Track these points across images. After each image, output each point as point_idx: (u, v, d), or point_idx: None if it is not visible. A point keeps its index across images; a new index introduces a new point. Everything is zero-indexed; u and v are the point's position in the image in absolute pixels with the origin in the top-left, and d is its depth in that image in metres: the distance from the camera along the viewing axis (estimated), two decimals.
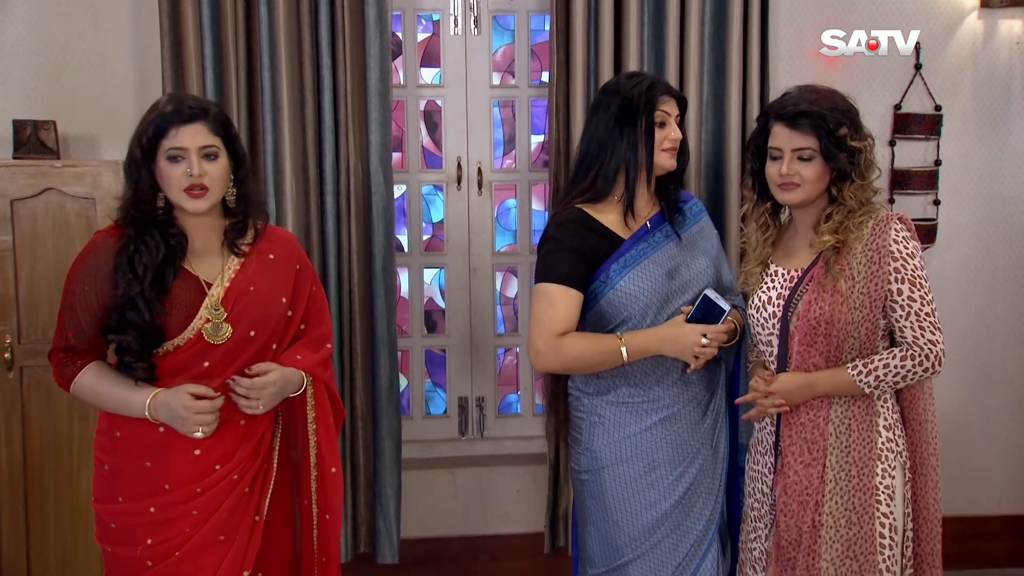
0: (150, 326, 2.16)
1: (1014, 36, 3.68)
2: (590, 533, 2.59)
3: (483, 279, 3.69)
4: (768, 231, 2.50)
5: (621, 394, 2.54)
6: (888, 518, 2.30)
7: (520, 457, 3.71)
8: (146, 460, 2.21)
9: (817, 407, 2.35)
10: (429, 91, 3.66)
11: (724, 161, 3.40)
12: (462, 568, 3.71)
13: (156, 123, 2.16)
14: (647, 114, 2.51)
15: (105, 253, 2.20)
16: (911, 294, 2.27)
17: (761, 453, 2.49)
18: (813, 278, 2.34)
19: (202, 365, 2.21)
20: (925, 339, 2.28)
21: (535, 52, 3.70)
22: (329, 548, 2.44)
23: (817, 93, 2.36)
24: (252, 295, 2.26)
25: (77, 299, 2.19)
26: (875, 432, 2.33)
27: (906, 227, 2.32)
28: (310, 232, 3.30)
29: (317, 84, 3.29)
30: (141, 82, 3.36)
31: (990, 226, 3.75)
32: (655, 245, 2.53)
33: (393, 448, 3.41)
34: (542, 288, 2.51)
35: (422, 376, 3.75)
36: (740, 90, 3.40)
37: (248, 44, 3.25)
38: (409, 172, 3.65)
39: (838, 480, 2.31)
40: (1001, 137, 3.73)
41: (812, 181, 2.33)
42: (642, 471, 2.51)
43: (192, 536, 2.21)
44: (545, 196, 3.72)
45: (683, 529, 2.52)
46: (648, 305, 2.48)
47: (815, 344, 2.32)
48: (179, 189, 2.17)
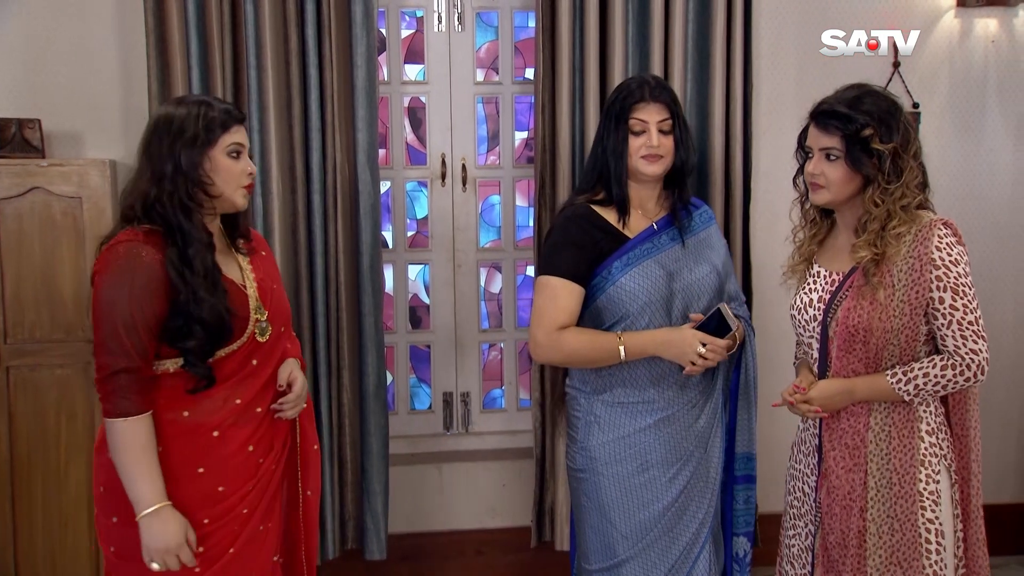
0: (220, 319, 2.14)
1: (989, 35, 3.74)
2: (585, 531, 2.63)
3: (467, 275, 3.71)
4: (816, 228, 2.48)
5: (617, 394, 2.58)
6: (934, 523, 2.28)
7: (506, 452, 3.73)
8: (199, 467, 2.20)
9: (857, 413, 2.33)
10: (413, 88, 3.67)
11: (708, 160, 3.42)
12: (448, 563, 3.74)
13: (223, 118, 2.20)
14: (623, 123, 2.57)
15: (152, 263, 2.11)
16: (953, 303, 2.22)
17: (804, 453, 2.49)
18: (852, 285, 2.30)
19: (251, 364, 2.27)
20: (967, 348, 2.23)
21: (519, 49, 3.71)
22: (311, 524, 2.49)
23: (854, 92, 2.32)
24: (275, 292, 2.35)
25: (138, 317, 2.09)
26: (917, 438, 2.30)
27: (951, 232, 2.26)
28: (297, 230, 3.30)
29: (304, 82, 3.28)
30: (126, 80, 3.33)
31: (965, 222, 3.75)
32: (660, 247, 2.58)
33: (380, 445, 3.43)
34: (544, 281, 2.55)
35: (407, 372, 3.77)
36: (724, 88, 3.42)
37: (234, 42, 3.23)
38: (393, 168, 3.66)
39: (879, 487, 2.28)
40: (976, 134, 3.79)
41: (837, 183, 2.29)
42: (636, 471, 2.56)
43: (240, 534, 2.25)
44: (529, 193, 3.75)
45: (677, 530, 2.56)
46: (647, 304, 2.52)
47: (853, 351, 2.30)
48: (237, 185, 2.23)
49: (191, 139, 2.16)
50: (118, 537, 2.21)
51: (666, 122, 2.60)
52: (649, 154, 2.57)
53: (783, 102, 3.66)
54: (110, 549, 2.24)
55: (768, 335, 3.40)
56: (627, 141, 2.59)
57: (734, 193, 3.45)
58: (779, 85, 3.65)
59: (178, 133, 2.16)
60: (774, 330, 3.41)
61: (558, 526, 3.52)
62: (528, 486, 3.66)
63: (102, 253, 2.15)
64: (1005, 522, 3.85)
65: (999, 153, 3.81)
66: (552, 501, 3.54)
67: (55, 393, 3.16)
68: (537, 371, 3.45)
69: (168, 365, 2.17)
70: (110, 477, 2.18)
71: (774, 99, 3.65)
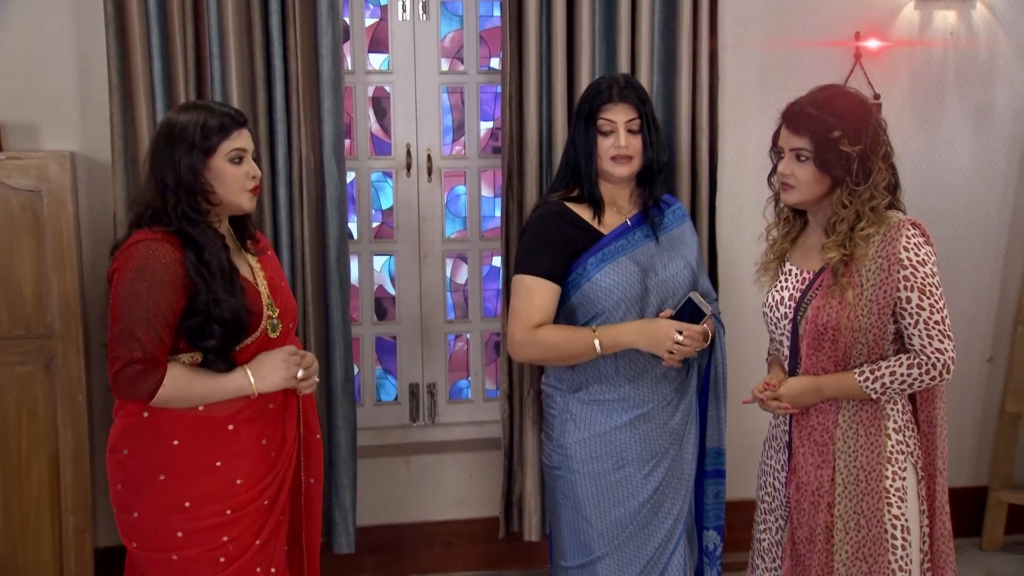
0: (239, 318, 2.18)
1: (948, 27, 3.79)
2: (562, 529, 2.65)
3: (433, 266, 3.69)
4: (789, 227, 2.50)
5: (593, 392, 2.59)
6: (900, 519, 2.31)
7: (473, 443, 3.73)
8: (216, 460, 2.23)
9: (826, 411, 2.36)
10: (377, 77, 3.63)
11: (675, 152, 3.42)
12: (417, 555, 3.74)
13: (222, 124, 2.20)
14: (592, 124, 2.59)
15: (171, 262, 2.14)
16: (920, 302, 2.24)
17: (775, 449, 2.51)
18: (822, 284, 2.33)
19: None
20: (933, 347, 2.25)
21: (484, 38, 3.69)
22: (314, 512, 2.51)
23: (825, 93, 2.33)
24: (283, 290, 2.39)
25: (156, 312, 2.12)
26: (884, 435, 2.33)
27: (919, 232, 2.29)
28: (263, 224, 3.24)
29: (268, 74, 3.22)
30: (85, 70, 3.25)
31: (923, 212, 3.80)
32: (634, 243, 2.59)
33: (349, 439, 3.41)
34: (519, 280, 2.56)
35: (373, 363, 3.75)
36: (690, 80, 3.43)
37: (196, 32, 3.16)
38: (358, 159, 3.62)
39: (847, 484, 2.31)
40: (935, 125, 3.84)
41: (807, 183, 2.30)
42: (611, 468, 2.58)
43: (264, 525, 2.28)
44: (495, 183, 3.73)
45: (652, 527, 2.59)
46: (621, 299, 2.53)
47: (822, 349, 2.32)
48: (242, 189, 2.24)
49: (189, 148, 2.17)
50: (141, 531, 2.25)
51: (634, 122, 2.61)
52: (618, 155, 2.59)
53: (747, 94, 3.68)
54: (132, 544, 2.27)
55: (733, 327, 3.41)
56: (596, 142, 2.60)
57: (700, 185, 3.46)
58: (743, 77, 3.67)
59: (178, 142, 2.18)
60: (740, 323, 3.44)
61: (527, 517, 3.53)
62: (496, 477, 3.66)
63: (120, 252, 2.18)
64: (960, 506, 3.93)
65: (958, 144, 3.87)
66: (520, 492, 3.55)
67: (15, 391, 3.09)
68: (505, 363, 3.45)
69: (184, 359, 2.21)
70: (127, 473, 2.24)
71: (738, 91, 3.67)
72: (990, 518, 4.02)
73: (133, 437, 2.24)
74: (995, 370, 4.04)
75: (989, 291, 4.00)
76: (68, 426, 3.14)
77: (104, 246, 3.02)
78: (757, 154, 3.68)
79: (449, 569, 3.76)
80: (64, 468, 3.15)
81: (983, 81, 3.85)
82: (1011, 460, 4.01)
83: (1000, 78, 3.85)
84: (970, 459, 4.08)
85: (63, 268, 3.08)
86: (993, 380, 4.05)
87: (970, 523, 4.00)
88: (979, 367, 4.03)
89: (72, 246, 3.09)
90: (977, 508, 4.03)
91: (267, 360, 2.26)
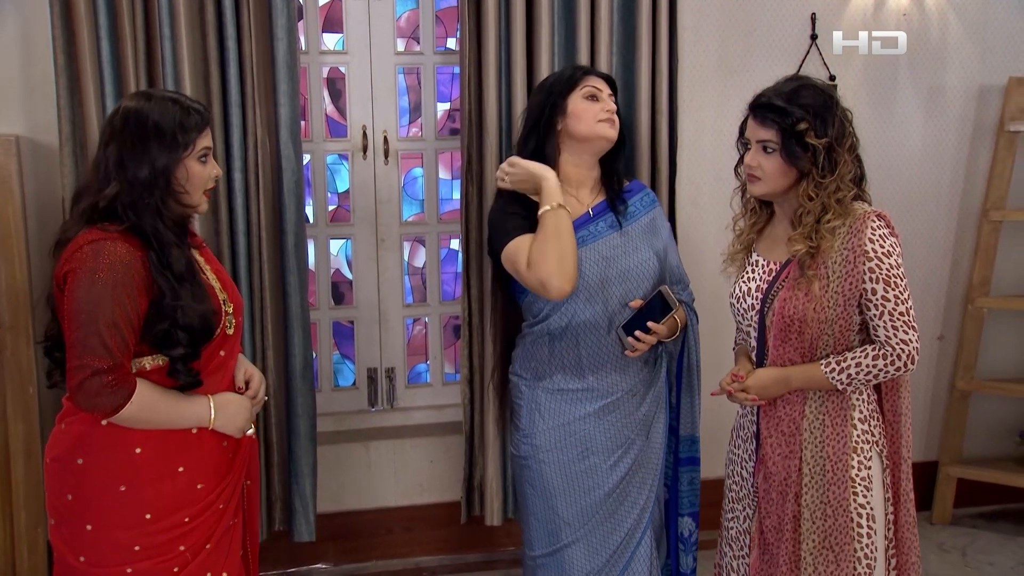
0: (205, 323, 2.12)
1: (901, 8, 3.82)
2: (529, 519, 2.64)
3: (391, 249, 3.65)
4: (756, 217, 2.50)
5: (557, 381, 2.58)
6: (865, 508, 2.33)
7: (433, 427, 3.71)
8: (180, 466, 2.15)
9: (793, 402, 2.37)
10: (332, 58, 3.55)
11: (635, 134, 3.41)
12: (377, 541, 3.71)
13: (197, 122, 2.12)
14: (573, 90, 2.56)
15: (132, 261, 2.03)
16: (885, 293, 2.26)
17: (743, 439, 2.53)
18: (789, 276, 2.34)
19: (219, 355, 2.23)
20: (898, 338, 2.27)
21: (440, 18, 3.63)
22: (254, 513, 2.45)
23: (792, 84, 2.33)
24: (231, 285, 2.32)
25: (121, 315, 2.01)
26: (850, 425, 2.35)
27: (884, 224, 2.29)
28: (218, 209, 3.17)
29: (221, 55, 3.13)
30: (27, 51, 3.13)
31: (876, 192, 3.84)
32: (596, 234, 2.57)
33: (308, 426, 3.36)
34: (509, 249, 2.50)
35: (330, 348, 3.70)
36: (650, 62, 3.40)
37: (146, 12, 3.05)
38: (313, 141, 3.55)
39: (813, 474, 2.33)
40: (888, 107, 3.88)
41: (773, 175, 2.32)
42: (577, 457, 2.57)
43: (216, 529, 2.21)
44: (452, 165, 3.69)
45: (618, 516, 2.59)
46: (582, 289, 2.51)
47: (789, 340, 2.33)
48: (203, 189, 2.18)
49: (169, 145, 2.08)
50: (94, 545, 2.11)
51: (612, 97, 2.62)
52: (607, 118, 2.58)
53: (705, 76, 3.68)
54: (79, 559, 2.12)
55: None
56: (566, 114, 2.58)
57: (660, 168, 3.45)
58: (701, 59, 3.67)
59: (154, 136, 2.07)
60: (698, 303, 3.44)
61: (488, 501, 3.52)
62: (456, 462, 3.65)
63: (73, 252, 2.05)
64: (912, 481, 4.01)
65: (910, 124, 3.91)
66: (481, 476, 3.54)
67: None
68: (465, 347, 3.43)
69: (146, 363, 2.12)
70: (82, 485, 2.11)
71: (696, 72, 3.66)
72: (940, 493, 4.11)
73: (90, 446, 2.11)
74: (945, 348, 4.12)
75: (940, 270, 4.06)
76: (18, 419, 3.05)
77: (53, 234, 2.92)
78: (714, 135, 3.71)
79: (410, 554, 3.75)
80: (15, 461, 3.07)
81: (935, 63, 3.89)
82: (961, 436, 4.10)
83: (951, 60, 3.90)
84: (921, 435, 4.16)
85: (11, 256, 2.98)
86: (944, 358, 4.13)
87: (921, 497, 4.05)
88: (930, 345, 4.09)
89: (20, 233, 2.99)
90: (928, 483, 4.11)
91: (232, 405, 2.22)
